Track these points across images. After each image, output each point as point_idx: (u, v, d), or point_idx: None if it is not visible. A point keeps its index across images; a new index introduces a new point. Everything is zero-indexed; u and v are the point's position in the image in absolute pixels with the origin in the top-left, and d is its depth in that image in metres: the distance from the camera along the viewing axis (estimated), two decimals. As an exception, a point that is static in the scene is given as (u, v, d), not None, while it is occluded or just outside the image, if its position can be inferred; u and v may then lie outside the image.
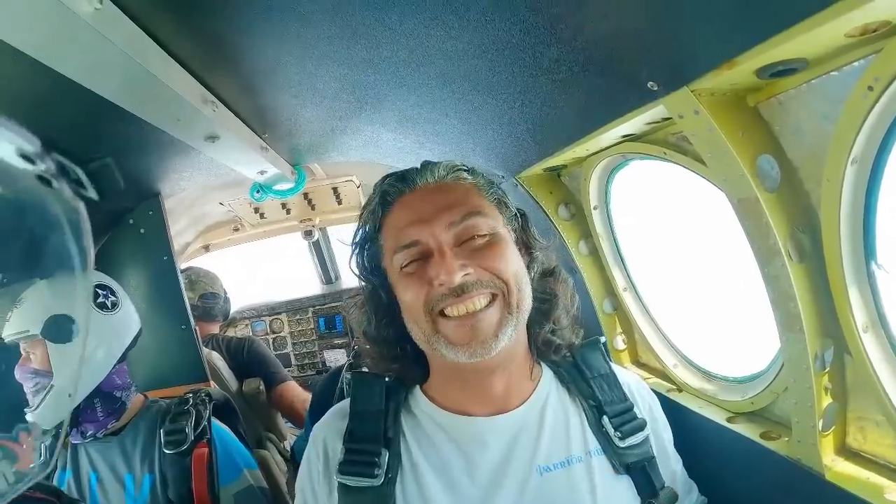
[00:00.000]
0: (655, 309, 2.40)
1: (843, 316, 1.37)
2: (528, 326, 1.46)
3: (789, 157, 1.38)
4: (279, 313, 5.98)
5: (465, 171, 1.49)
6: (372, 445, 1.39)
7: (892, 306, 1.35)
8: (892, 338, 1.35)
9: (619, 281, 2.40)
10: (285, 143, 2.77)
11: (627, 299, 2.42)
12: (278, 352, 5.89)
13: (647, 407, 1.56)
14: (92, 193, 0.96)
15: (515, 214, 1.52)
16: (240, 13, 1.39)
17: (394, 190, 1.45)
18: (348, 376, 2.14)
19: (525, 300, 1.38)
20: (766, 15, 1.04)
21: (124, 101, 1.52)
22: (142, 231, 3.04)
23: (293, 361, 5.96)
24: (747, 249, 1.49)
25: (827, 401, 1.47)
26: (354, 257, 1.53)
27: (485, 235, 1.37)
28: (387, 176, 1.50)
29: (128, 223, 3.03)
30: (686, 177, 1.72)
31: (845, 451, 1.52)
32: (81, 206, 0.94)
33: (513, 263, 1.38)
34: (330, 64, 1.73)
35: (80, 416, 2.15)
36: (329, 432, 1.49)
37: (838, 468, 1.49)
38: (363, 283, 1.54)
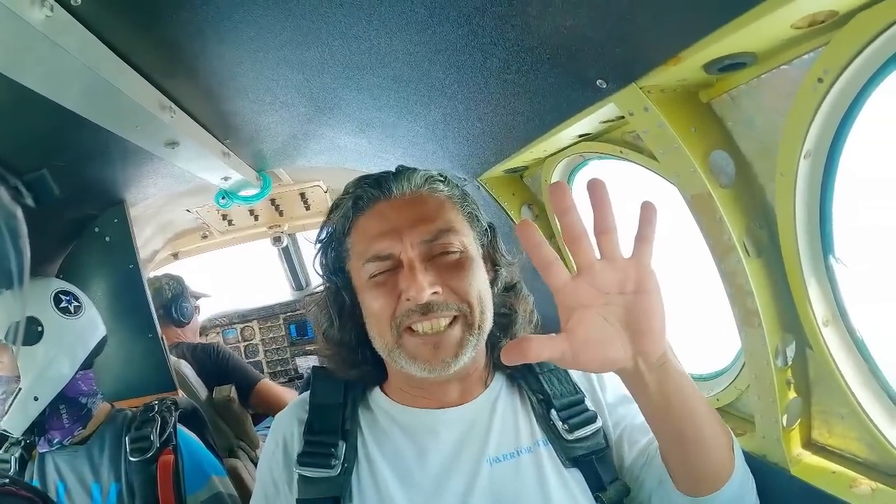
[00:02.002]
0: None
1: (803, 310, 1.37)
2: (488, 339, 1.46)
3: (743, 153, 1.38)
4: (250, 321, 5.92)
5: (440, 181, 1.48)
6: (330, 437, 1.41)
7: (851, 300, 1.34)
8: (853, 331, 1.35)
9: (584, 280, 2.38)
10: (248, 149, 2.74)
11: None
12: (250, 359, 5.81)
13: (607, 391, 1.53)
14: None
15: (486, 229, 1.52)
16: (194, 18, 1.36)
17: (368, 196, 1.44)
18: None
19: (487, 320, 1.40)
20: (709, 9, 1.03)
21: (81, 109, 1.49)
22: (107, 239, 2.96)
23: (265, 369, 5.88)
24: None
25: (790, 396, 1.47)
26: (319, 256, 1.53)
27: (455, 252, 1.38)
28: (361, 179, 1.48)
29: (93, 231, 2.95)
30: (650, 175, 1.71)
31: (811, 446, 1.53)
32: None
33: (479, 283, 1.38)
34: (286, 68, 1.72)
35: (46, 422, 2.11)
36: (289, 424, 1.52)
37: (804, 462, 1.49)
38: (326, 283, 1.54)
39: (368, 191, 1.43)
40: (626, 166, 1.82)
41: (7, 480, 1.48)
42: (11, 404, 1.98)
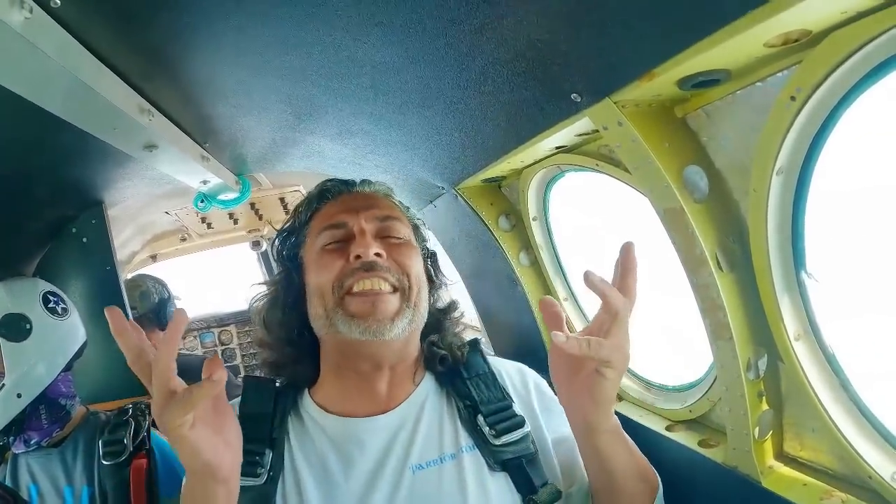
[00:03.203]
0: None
1: (775, 325, 1.38)
2: (421, 338, 1.56)
3: (717, 168, 1.39)
4: (227, 325, 5.90)
5: (392, 195, 1.68)
6: (257, 446, 1.40)
7: (823, 315, 1.35)
8: (825, 346, 1.36)
9: (560, 291, 2.41)
10: (227, 153, 2.73)
11: (568, 309, 2.41)
12: (228, 363, 5.75)
13: (525, 382, 1.59)
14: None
15: (425, 248, 1.66)
16: (174, 22, 1.36)
17: (335, 189, 1.62)
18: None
19: (422, 302, 1.50)
20: (682, 26, 1.04)
21: (60, 111, 1.49)
22: (84, 240, 2.96)
23: (242, 373, 5.81)
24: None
25: (762, 408, 1.48)
26: (278, 241, 1.65)
27: (401, 238, 1.52)
28: (330, 179, 1.66)
29: (70, 232, 2.95)
30: (624, 187, 1.72)
31: (783, 458, 1.53)
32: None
33: (418, 267, 1.51)
34: (265, 74, 1.72)
35: (25, 422, 2.09)
36: None
37: (776, 474, 1.49)
38: (277, 270, 1.65)
39: (336, 185, 1.63)
40: (602, 178, 1.83)
41: None
42: None
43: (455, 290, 1.78)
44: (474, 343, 1.64)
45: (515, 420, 1.45)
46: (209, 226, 4.72)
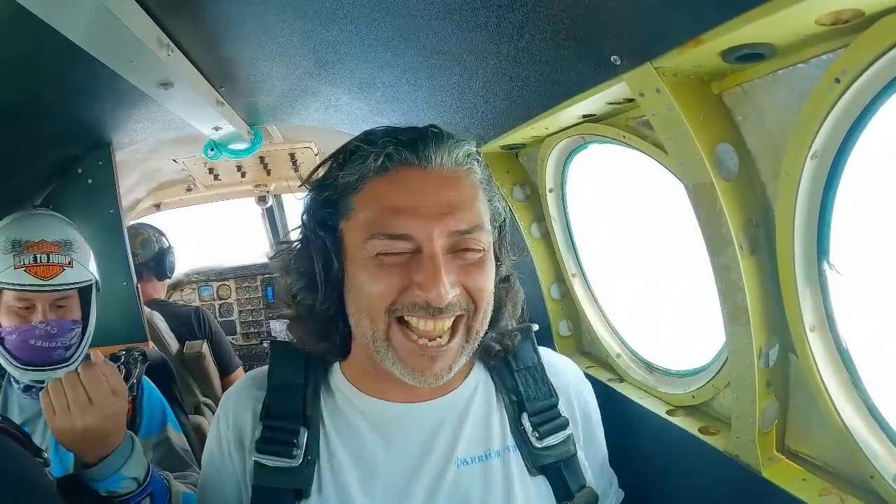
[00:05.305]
0: (603, 297, 2.38)
1: (791, 313, 1.36)
2: None
3: (749, 148, 1.36)
4: (227, 279, 5.88)
5: (477, 160, 1.28)
6: (291, 423, 1.30)
7: (840, 307, 1.33)
8: (839, 340, 1.34)
9: (570, 266, 2.39)
10: (243, 100, 2.70)
11: (576, 285, 2.40)
12: (224, 318, 5.79)
13: (580, 402, 1.48)
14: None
15: (500, 225, 1.36)
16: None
17: (399, 156, 1.20)
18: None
19: (486, 323, 1.27)
20: (734, -7, 1.01)
21: (78, 37, 1.44)
22: (90, 182, 2.96)
23: (238, 329, 5.86)
24: (698, 243, 1.48)
25: (769, 398, 1.47)
26: (311, 203, 1.30)
27: (479, 251, 1.21)
28: (389, 131, 1.24)
29: (76, 172, 2.94)
30: (643, 167, 1.70)
31: (784, 451, 1.53)
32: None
33: (491, 285, 1.25)
34: (292, 16, 1.68)
35: None
36: (242, 405, 1.39)
37: (776, 466, 1.49)
38: (308, 236, 1.30)
39: (401, 151, 1.20)
40: (622, 155, 1.81)
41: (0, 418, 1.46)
42: (81, 350, 2.14)
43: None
44: (526, 331, 1.47)
45: (559, 421, 1.37)
46: (216, 177, 4.66)
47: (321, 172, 1.30)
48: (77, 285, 2.10)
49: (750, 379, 1.44)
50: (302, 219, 1.32)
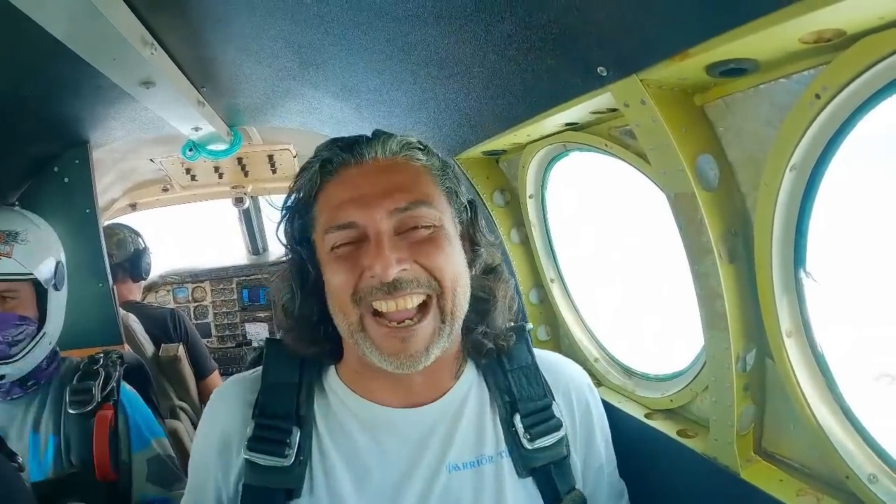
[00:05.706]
0: (581, 302, 2.41)
1: (769, 320, 1.39)
2: (463, 323, 1.34)
3: (729, 160, 1.40)
4: (202, 281, 5.81)
5: (420, 149, 1.35)
6: (283, 423, 1.31)
7: (816, 314, 1.37)
8: (815, 345, 1.38)
9: (548, 272, 2.41)
10: (223, 101, 2.69)
11: (554, 291, 2.42)
12: (199, 321, 5.73)
13: (580, 403, 1.48)
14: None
15: (466, 206, 1.41)
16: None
17: (338, 159, 1.31)
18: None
19: (461, 305, 1.29)
20: (721, 10, 1.04)
21: (61, 33, 1.42)
22: (66, 180, 2.92)
23: (213, 332, 5.80)
24: (677, 250, 1.51)
25: (746, 402, 1.50)
26: (284, 224, 1.39)
27: (429, 227, 1.25)
28: (332, 141, 1.35)
29: (52, 170, 2.91)
30: (624, 176, 1.72)
31: (762, 452, 1.56)
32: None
33: (453, 263, 1.27)
34: (278, 17, 1.68)
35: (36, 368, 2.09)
36: (233, 403, 1.40)
37: (754, 467, 1.52)
38: (289, 254, 1.40)
39: (338, 154, 1.31)
40: (602, 163, 1.83)
41: None
42: (31, 348, 2.02)
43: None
44: (521, 330, 1.49)
45: (553, 423, 1.38)
46: (193, 178, 4.63)
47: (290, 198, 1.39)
48: (10, 277, 1.99)
49: (728, 383, 1.47)
50: (279, 239, 1.42)
